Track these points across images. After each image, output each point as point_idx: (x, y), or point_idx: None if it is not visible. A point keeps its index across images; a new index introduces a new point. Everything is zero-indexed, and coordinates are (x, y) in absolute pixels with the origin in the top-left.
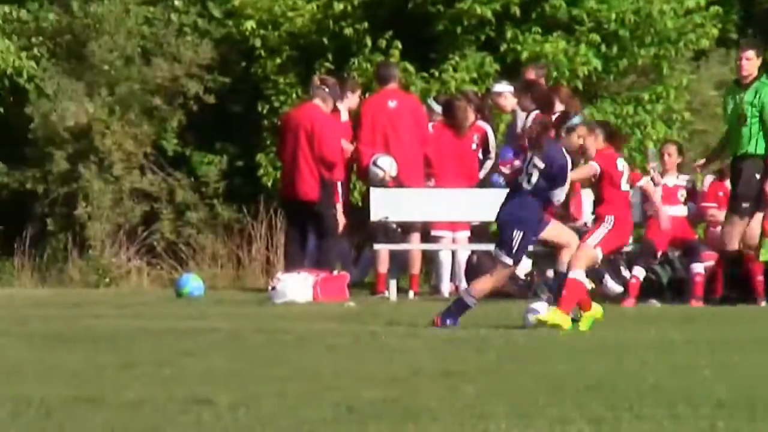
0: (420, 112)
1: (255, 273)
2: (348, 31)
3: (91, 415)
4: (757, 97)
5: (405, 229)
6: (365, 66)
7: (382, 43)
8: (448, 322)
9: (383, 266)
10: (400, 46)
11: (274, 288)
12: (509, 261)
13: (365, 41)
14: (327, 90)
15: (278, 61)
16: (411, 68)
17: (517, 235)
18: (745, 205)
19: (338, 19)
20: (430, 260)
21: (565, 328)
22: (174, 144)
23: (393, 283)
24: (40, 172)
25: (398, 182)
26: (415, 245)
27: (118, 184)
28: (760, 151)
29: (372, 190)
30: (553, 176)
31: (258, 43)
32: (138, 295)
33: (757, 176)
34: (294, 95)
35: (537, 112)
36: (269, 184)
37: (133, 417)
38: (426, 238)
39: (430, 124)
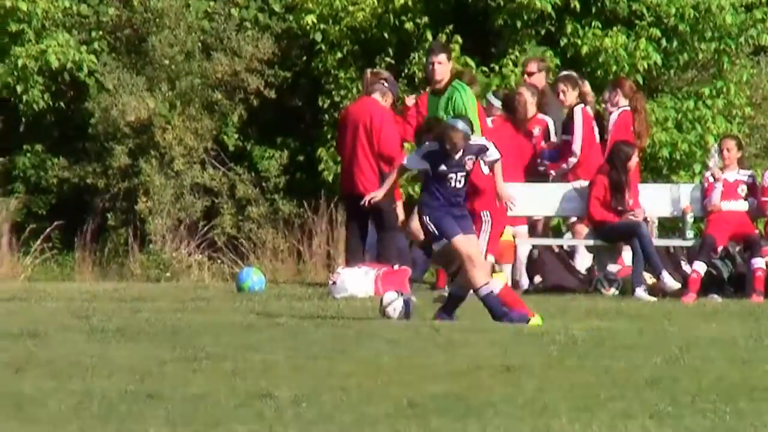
0: (478, 106)
1: (316, 267)
2: (408, 25)
3: (153, 410)
4: None
5: None
6: (425, 61)
7: (443, 37)
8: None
9: None
10: (460, 40)
11: (334, 282)
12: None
13: (426, 36)
14: (386, 85)
15: (339, 55)
16: (471, 63)
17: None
18: None
19: (399, 13)
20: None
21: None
22: (235, 139)
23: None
24: (100, 167)
25: None
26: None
27: (178, 179)
28: None
29: None
30: None
31: (318, 37)
32: (199, 289)
33: None
34: (354, 90)
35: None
36: (330, 178)
37: (194, 411)
38: None
39: (488, 119)
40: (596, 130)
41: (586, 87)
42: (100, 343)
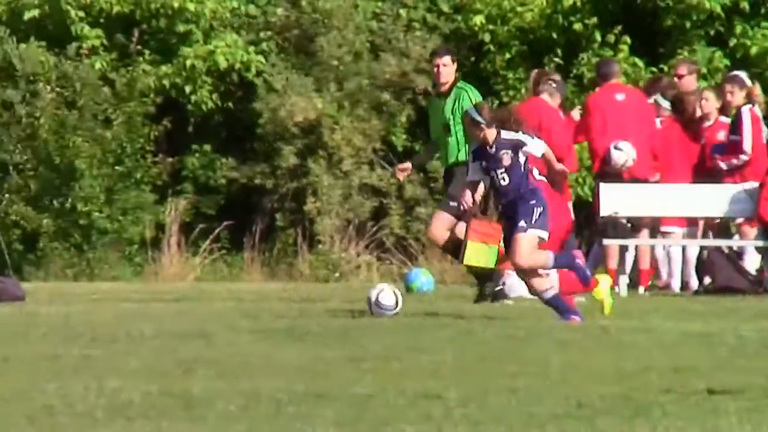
0: (646, 106)
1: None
2: (577, 26)
3: (321, 410)
4: None
5: (634, 225)
6: (594, 61)
7: (611, 38)
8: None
9: (613, 262)
10: (628, 41)
11: (504, 283)
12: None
13: (594, 36)
14: (554, 85)
15: (507, 56)
16: (640, 63)
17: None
18: None
19: (567, 13)
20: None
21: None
22: (403, 139)
23: (623, 279)
24: (268, 167)
25: (631, 175)
26: (644, 240)
27: (347, 179)
28: None
29: (602, 185)
30: None
31: (487, 38)
32: (367, 290)
33: None
34: (522, 90)
35: None
36: None
37: (362, 411)
38: (654, 233)
39: (657, 119)
40: (765, 131)
41: (756, 88)
42: (269, 343)
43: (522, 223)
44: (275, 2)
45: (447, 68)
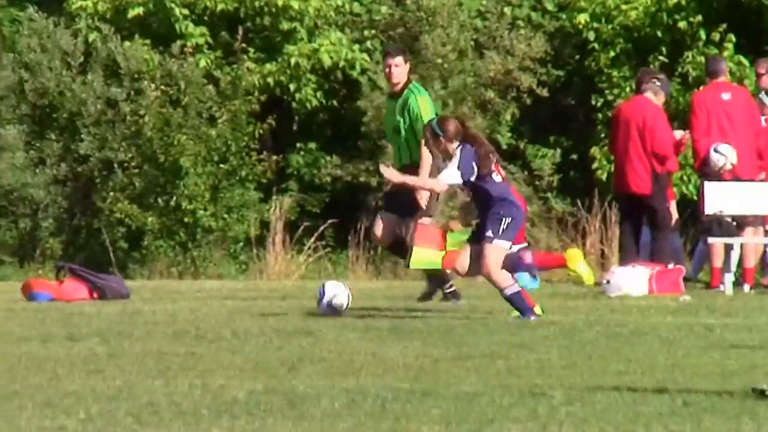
0: (752, 104)
1: (590, 266)
2: (682, 24)
3: (426, 408)
4: None
5: (739, 223)
6: (699, 60)
7: (716, 36)
8: None
9: (718, 260)
10: (733, 39)
11: (608, 281)
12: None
13: (699, 34)
14: (659, 83)
15: (612, 54)
16: (745, 62)
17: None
18: None
19: (672, 11)
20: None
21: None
22: (508, 137)
23: (728, 277)
24: (373, 165)
25: (734, 175)
26: (750, 239)
27: None
28: None
29: (706, 184)
30: None
31: (591, 36)
32: (473, 288)
33: None
34: (627, 89)
35: None
36: (603, 177)
37: (467, 409)
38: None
39: (762, 118)
40: None
41: None
42: (374, 341)
43: (489, 233)
44: (380, 0)
45: (399, 69)
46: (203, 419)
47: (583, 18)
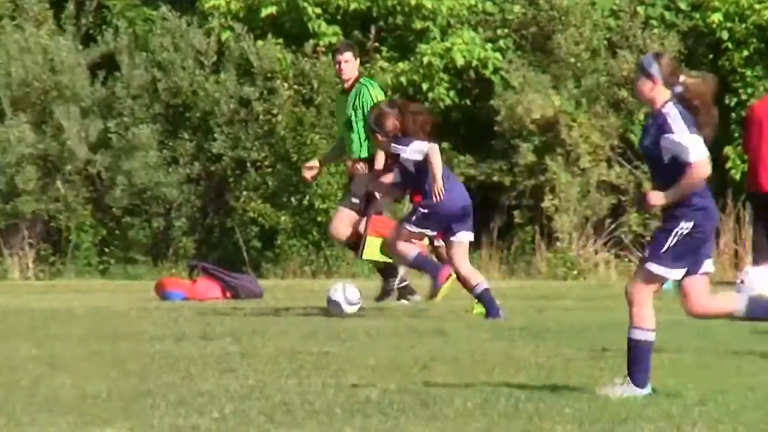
0: None
1: (724, 266)
2: None
3: (560, 407)
4: None
5: None
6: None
7: None
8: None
9: None
10: None
11: (742, 281)
12: None
13: None
14: None
15: (745, 53)
16: None
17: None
18: None
19: None
20: None
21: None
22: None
23: None
24: (506, 165)
25: None
26: None
27: (585, 176)
28: None
29: None
30: None
31: (725, 35)
32: (606, 287)
33: None
34: (761, 88)
35: None
36: (737, 176)
37: (601, 408)
38: None
39: None
40: None
41: None
42: (506, 340)
43: (404, 217)
44: (513, 0)
45: (349, 64)
46: (336, 418)
47: (716, 17)
